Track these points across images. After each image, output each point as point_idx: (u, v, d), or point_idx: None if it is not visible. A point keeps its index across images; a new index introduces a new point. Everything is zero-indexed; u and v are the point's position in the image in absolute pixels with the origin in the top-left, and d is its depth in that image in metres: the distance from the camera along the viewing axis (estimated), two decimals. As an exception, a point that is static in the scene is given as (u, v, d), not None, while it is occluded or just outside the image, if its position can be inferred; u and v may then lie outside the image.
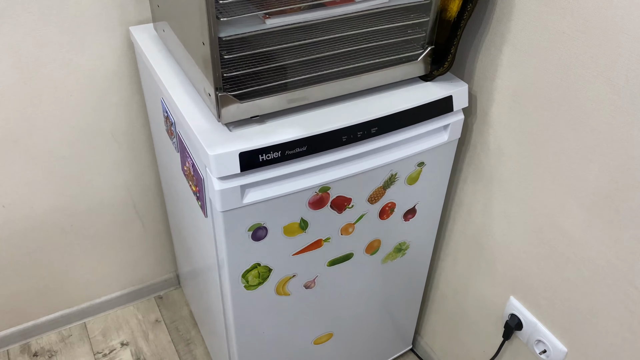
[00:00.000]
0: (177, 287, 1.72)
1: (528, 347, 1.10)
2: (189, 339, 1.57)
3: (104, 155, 1.35)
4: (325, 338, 1.24)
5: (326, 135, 0.88)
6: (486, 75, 1.00)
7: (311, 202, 0.94)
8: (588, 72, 0.81)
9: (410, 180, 1.04)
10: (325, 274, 1.09)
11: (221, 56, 0.78)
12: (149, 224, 1.54)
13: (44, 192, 1.33)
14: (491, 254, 1.14)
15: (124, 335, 1.57)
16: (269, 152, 0.84)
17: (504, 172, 1.04)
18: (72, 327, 1.59)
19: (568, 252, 0.94)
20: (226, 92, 0.81)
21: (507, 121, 0.99)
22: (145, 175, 1.44)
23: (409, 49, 0.96)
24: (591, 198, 0.87)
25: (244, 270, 0.97)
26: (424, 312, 1.47)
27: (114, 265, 1.56)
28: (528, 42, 0.89)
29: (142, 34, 1.15)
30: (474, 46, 1.01)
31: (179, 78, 1.00)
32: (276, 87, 0.86)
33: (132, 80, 1.27)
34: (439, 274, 1.35)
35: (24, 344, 1.54)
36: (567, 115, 0.86)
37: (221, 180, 0.84)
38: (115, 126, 1.32)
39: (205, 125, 0.87)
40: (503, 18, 0.92)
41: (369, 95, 0.97)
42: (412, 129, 0.98)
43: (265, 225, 0.92)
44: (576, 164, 0.88)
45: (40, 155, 1.27)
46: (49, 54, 1.15)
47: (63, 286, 1.52)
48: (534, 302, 1.06)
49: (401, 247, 1.17)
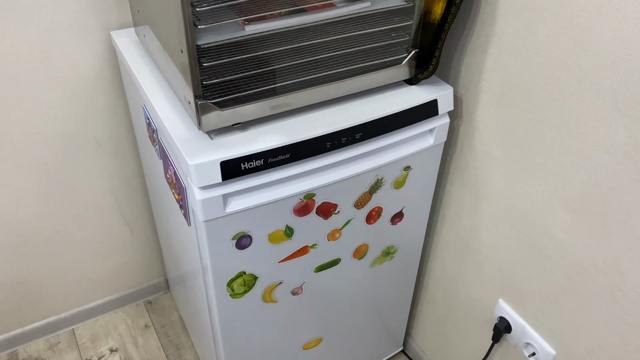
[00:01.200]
0: (166, 292, 1.71)
1: (517, 349, 1.10)
2: (179, 344, 1.55)
3: (88, 161, 1.33)
4: (314, 343, 1.23)
5: (309, 142, 0.87)
6: (471, 78, 0.99)
7: (296, 209, 0.93)
8: (572, 76, 0.80)
9: (396, 184, 1.03)
10: (313, 280, 1.08)
11: (200, 64, 0.77)
12: (136, 229, 1.53)
13: (28, 199, 1.31)
14: (479, 257, 1.13)
15: (113, 341, 1.56)
16: (251, 160, 0.83)
17: (490, 175, 1.03)
18: (60, 333, 1.57)
19: (555, 255, 0.94)
20: (206, 100, 0.80)
21: (493, 124, 0.98)
22: (131, 180, 1.42)
23: (393, 53, 0.95)
24: (577, 201, 0.86)
25: (229, 278, 0.96)
26: (414, 313, 1.47)
27: (102, 270, 1.55)
28: (513, 45, 0.88)
29: (123, 39, 1.14)
30: (458, 49, 1.00)
31: (160, 84, 0.98)
32: (258, 94, 0.85)
33: (115, 85, 1.25)
34: (428, 276, 1.34)
35: (11, 352, 1.52)
36: (552, 118, 0.86)
37: (202, 189, 0.82)
38: (100, 132, 1.30)
39: (185, 134, 0.85)
40: (487, 20, 0.91)
41: (353, 100, 0.96)
42: (397, 133, 0.97)
43: (250, 234, 0.91)
44: (562, 167, 0.87)
45: (23, 162, 1.25)
46: (28, 59, 1.13)
47: (50, 293, 1.50)
48: (522, 305, 1.05)
49: (389, 251, 1.16)
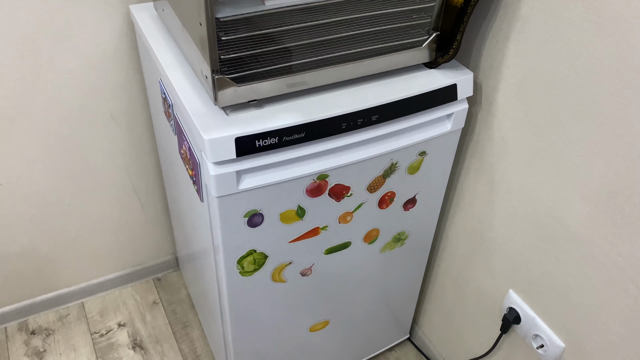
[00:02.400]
0: (175, 270, 1.72)
1: (525, 341, 1.09)
2: (186, 321, 1.57)
3: (103, 135, 1.33)
4: (321, 325, 1.23)
5: (325, 122, 0.86)
6: (492, 63, 0.97)
7: (309, 189, 0.92)
8: (597, 63, 0.78)
9: (411, 169, 1.02)
10: (322, 262, 1.07)
11: (218, 37, 0.76)
12: (148, 206, 1.53)
13: (43, 171, 1.32)
14: (491, 246, 1.12)
15: (121, 316, 1.57)
16: (266, 138, 0.82)
17: (507, 164, 1.01)
18: (70, 306, 1.59)
19: (569, 247, 0.92)
20: (223, 75, 0.79)
21: (512, 111, 0.96)
22: (144, 156, 1.42)
23: (413, 35, 0.94)
24: (595, 193, 0.85)
25: (240, 256, 0.96)
26: (422, 302, 1.46)
27: (112, 245, 1.56)
28: (536, 30, 0.86)
29: (142, 13, 1.13)
30: (480, 33, 0.98)
31: (177, 59, 0.97)
32: (275, 70, 0.84)
33: (132, 60, 1.25)
34: (439, 264, 1.33)
35: (21, 321, 1.54)
36: (573, 107, 0.84)
37: (216, 165, 0.82)
38: (115, 106, 1.30)
39: (201, 109, 0.85)
40: (511, 5, 0.89)
41: (370, 81, 0.94)
42: (414, 117, 0.95)
43: (262, 212, 0.91)
44: (581, 157, 0.85)
45: (39, 134, 1.25)
46: (48, 29, 1.12)
47: (61, 265, 1.52)
48: (533, 296, 1.04)
49: (400, 237, 1.16)
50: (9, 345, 1.48)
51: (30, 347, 1.48)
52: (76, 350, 1.47)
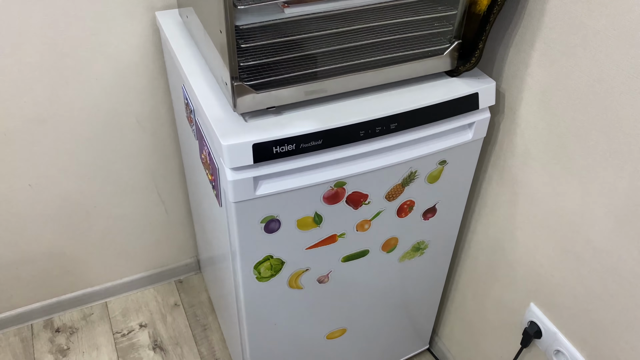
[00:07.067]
0: (197, 272, 1.74)
1: (546, 356, 1.06)
2: (206, 324, 1.58)
3: (128, 139, 1.36)
4: (338, 333, 1.22)
5: (343, 129, 0.86)
6: (515, 72, 0.96)
7: (326, 196, 0.92)
8: (623, 74, 0.76)
9: (430, 178, 1.01)
10: (340, 270, 1.07)
11: (238, 45, 0.77)
12: (171, 209, 1.55)
13: (69, 173, 1.35)
14: (513, 258, 1.10)
15: (143, 317, 1.59)
16: (283, 144, 0.83)
17: (530, 175, 0.99)
18: (94, 305, 1.62)
19: (593, 261, 0.90)
20: (242, 82, 0.80)
21: (535, 122, 0.95)
22: (168, 160, 1.45)
23: (435, 43, 0.93)
24: (620, 207, 0.82)
25: (257, 261, 0.96)
26: (442, 312, 1.44)
27: (136, 247, 1.59)
28: (560, 39, 0.84)
29: (167, 19, 1.15)
30: (503, 42, 0.96)
31: (200, 65, 0.99)
32: (294, 78, 0.84)
33: (157, 65, 1.27)
34: (459, 274, 1.31)
35: (47, 319, 1.58)
36: (598, 118, 0.82)
37: (234, 170, 0.83)
38: (140, 111, 1.33)
39: (221, 115, 0.86)
40: (535, 13, 0.88)
41: (390, 89, 0.94)
42: (435, 125, 0.94)
43: (279, 218, 0.91)
44: (606, 170, 0.83)
45: (66, 138, 1.29)
46: (77, 35, 1.16)
47: (86, 266, 1.55)
48: (555, 310, 1.02)
49: (419, 246, 1.14)
50: (34, 342, 1.51)
51: (55, 344, 1.51)
52: (98, 349, 1.50)
